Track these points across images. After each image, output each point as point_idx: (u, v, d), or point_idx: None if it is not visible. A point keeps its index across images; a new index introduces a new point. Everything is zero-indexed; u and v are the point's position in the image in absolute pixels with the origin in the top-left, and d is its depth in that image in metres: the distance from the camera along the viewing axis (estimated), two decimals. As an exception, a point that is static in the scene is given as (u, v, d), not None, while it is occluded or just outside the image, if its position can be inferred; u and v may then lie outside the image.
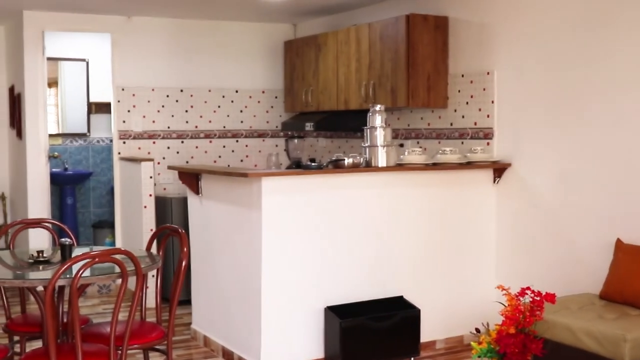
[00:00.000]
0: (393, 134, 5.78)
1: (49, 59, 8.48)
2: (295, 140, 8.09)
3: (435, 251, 5.69)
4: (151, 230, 7.18)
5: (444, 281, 5.74)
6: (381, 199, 5.45)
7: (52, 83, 9.14)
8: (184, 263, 4.21)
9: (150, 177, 7.17)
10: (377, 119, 5.43)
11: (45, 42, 7.74)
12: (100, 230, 8.93)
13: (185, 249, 4.24)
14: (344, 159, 5.23)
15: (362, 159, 5.34)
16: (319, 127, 7.28)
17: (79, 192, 9.18)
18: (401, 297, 5.49)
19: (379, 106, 5.47)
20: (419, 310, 5.39)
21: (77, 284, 3.51)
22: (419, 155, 5.54)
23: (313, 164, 5.22)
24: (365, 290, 5.41)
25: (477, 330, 4.02)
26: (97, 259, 3.58)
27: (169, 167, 6.11)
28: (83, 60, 9.20)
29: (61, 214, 8.94)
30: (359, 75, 6.76)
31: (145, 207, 7.17)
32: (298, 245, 5.18)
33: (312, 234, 5.21)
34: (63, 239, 4.27)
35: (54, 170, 8.88)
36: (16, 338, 4.55)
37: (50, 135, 8.80)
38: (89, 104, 9.25)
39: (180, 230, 4.39)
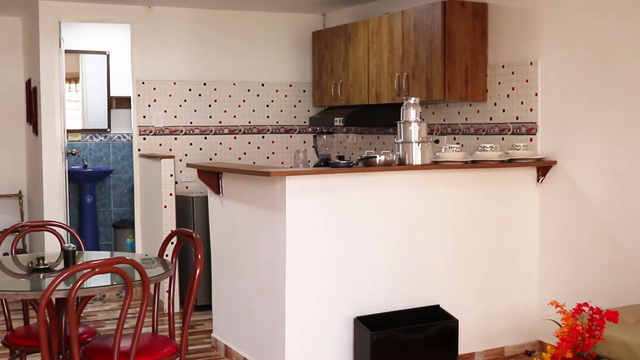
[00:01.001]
0: (428, 130, 5.34)
1: (69, 51, 8.21)
2: (324, 136, 7.67)
3: (474, 256, 5.25)
4: (172, 231, 6.79)
5: (483, 289, 5.30)
6: (416, 199, 5.02)
7: (73, 78, 8.81)
8: (197, 271, 3.82)
9: (171, 175, 6.80)
10: (411, 113, 5.00)
11: (65, 34, 7.43)
12: (121, 231, 8.58)
13: (199, 256, 3.86)
14: (376, 157, 4.80)
15: (395, 157, 4.92)
16: (349, 122, 6.86)
17: (99, 191, 8.84)
18: (437, 307, 5.06)
19: (413, 99, 5.05)
20: (456, 321, 4.96)
21: (74, 296, 3.13)
22: (456, 152, 5.11)
23: (342, 161, 4.80)
24: (398, 299, 4.98)
25: (528, 352, 3.57)
26: (97, 270, 3.19)
27: (188, 165, 5.73)
28: (104, 53, 8.85)
29: (80, 213, 8.61)
30: (392, 66, 6.33)
31: (165, 206, 6.80)
32: (325, 250, 4.77)
33: (340, 238, 4.80)
34: (67, 244, 3.89)
35: (72, 167, 8.55)
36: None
37: (70, 131, 8.50)
38: (110, 99, 8.91)
39: (194, 235, 4.00)
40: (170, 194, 6.80)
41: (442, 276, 5.14)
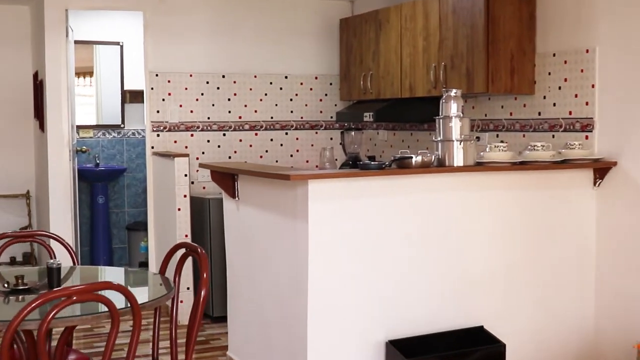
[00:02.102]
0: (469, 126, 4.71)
1: (81, 42, 7.71)
2: (352, 133, 7.06)
3: (523, 270, 4.61)
4: (186, 236, 6.25)
5: (534, 307, 4.67)
6: (457, 206, 4.40)
7: (88, 72, 8.29)
8: (202, 293, 3.23)
9: (185, 175, 6.24)
10: (452, 107, 4.38)
11: (77, 24, 6.93)
12: (135, 233, 8.04)
13: (204, 275, 3.27)
14: (412, 157, 4.20)
15: (433, 157, 4.30)
16: (380, 117, 6.25)
17: (112, 190, 8.30)
18: (481, 328, 4.43)
19: (454, 91, 4.42)
20: (503, 345, 4.33)
21: (46, 330, 2.55)
22: (503, 152, 4.48)
23: (372, 162, 4.19)
24: (436, 319, 4.37)
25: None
26: (75, 298, 2.60)
27: (201, 166, 5.16)
28: (117, 43, 8.31)
29: (91, 214, 8.09)
30: (427, 56, 5.72)
31: (179, 209, 6.24)
32: (353, 263, 4.17)
33: (370, 250, 4.20)
34: (51, 261, 3.32)
35: (83, 166, 8.03)
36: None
37: (81, 127, 7.97)
38: (123, 92, 8.36)
39: (199, 250, 3.41)
40: (185, 196, 6.25)
41: (486, 293, 4.51)
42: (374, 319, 4.23)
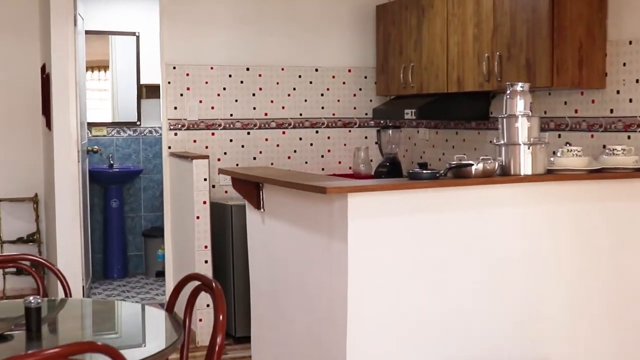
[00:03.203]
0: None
1: (94, 32, 7.09)
2: (390, 131, 6.38)
3: (600, 297, 3.90)
4: (205, 247, 5.60)
5: (612, 340, 3.95)
6: (523, 222, 3.70)
7: (103, 67, 7.68)
8: (218, 340, 2.55)
9: (205, 180, 5.59)
10: (518, 104, 3.69)
11: (91, 12, 6.33)
12: (152, 240, 7.41)
13: (220, 317, 2.59)
14: (471, 164, 3.50)
15: (496, 164, 3.61)
16: (423, 114, 5.55)
17: (127, 193, 7.67)
18: (551, 367, 3.74)
19: (521, 85, 3.74)
20: (579, 388, 3.64)
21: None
22: (578, 158, 3.78)
23: (424, 171, 3.50)
24: (498, 352, 3.67)
25: None
26: (45, 364, 1.94)
27: (221, 172, 4.51)
28: (133, 34, 7.67)
29: (105, 219, 7.46)
30: (479, 45, 5.02)
31: (198, 217, 5.59)
32: (401, 289, 3.49)
33: (421, 275, 3.52)
34: (29, 299, 2.65)
35: (96, 167, 7.41)
36: None
37: (93, 125, 7.36)
38: (140, 87, 7.73)
39: (214, 285, 2.74)
40: (204, 202, 5.59)
41: (557, 324, 3.80)
42: (427, 353, 3.55)
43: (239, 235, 5.59)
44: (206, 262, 5.61)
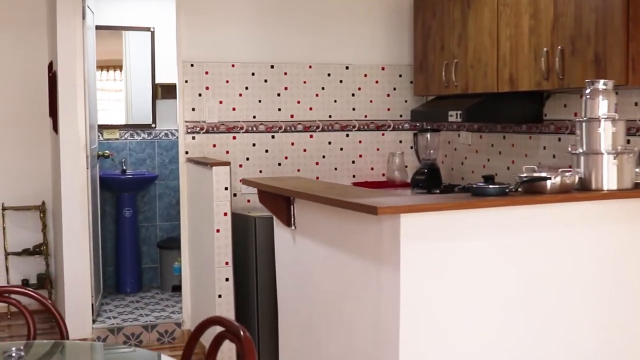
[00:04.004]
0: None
1: (105, 27, 6.58)
2: (428, 135, 5.81)
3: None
4: (226, 263, 5.05)
5: None
6: (609, 245, 3.12)
7: (117, 66, 7.15)
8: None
9: (226, 189, 5.03)
10: (600, 106, 3.12)
11: (103, 6, 5.85)
12: (168, 252, 6.85)
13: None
14: (547, 178, 2.93)
15: (576, 177, 3.03)
16: (471, 116, 4.96)
17: (141, 201, 7.12)
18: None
19: (603, 82, 3.16)
20: None
21: None
22: (671, 170, 3.20)
23: (491, 187, 2.92)
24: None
25: None
26: None
27: (244, 181, 4.00)
28: (147, 29, 7.13)
29: (117, 228, 6.91)
30: (536, 38, 4.44)
31: (218, 231, 5.04)
32: (462, 324, 2.93)
33: (487, 307, 2.95)
34: (11, 351, 2.11)
35: (107, 173, 6.87)
36: None
37: (105, 128, 6.82)
38: (155, 87, 7.18)
39: (242, 332, 2.17)
40: (225, 214, 5.04)
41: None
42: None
43: (263, 251, 5.05)
44: (227, 280, 5.06)
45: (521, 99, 4.89)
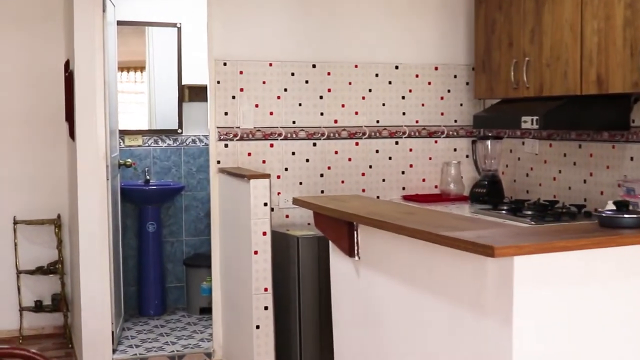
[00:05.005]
0: None
1: (128, 23, 6.01)
2: (488, 143, 5.17)
3: None
4: (265, 290, 4.42)
5: None
6: None
7: (139, 67, 6.55)
8: None
9: (265, 205, 4.41)
10: None
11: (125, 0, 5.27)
12: (195, 271, 6.22)
13: None
14: None
15: None
16: (550, 123, 4.29)
17: (166, 214, 6.48)
18: None
19: None
20: None
21: None
22: None
23: (627, 215, 2.28)
24: None
25: None
26: None
27: (295, 202, 3.32)
28: (174, 25, 6.51)
29: (140, 244, 6.29)
30: (633, 31, 3.78)
31: (256, 252, 4.42)
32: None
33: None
34: None
35: (129, 183, 6.26)
36: None
37: (126, 133, 6.22)
38: (181, 88, 6.56)
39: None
40: (265, 234, 4.42)
41: None
42: None
43: (308, 276, 4.46)
44: (266, 308, 4.43)
45: (607, 103, 4.24)
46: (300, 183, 5.14)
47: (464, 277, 2.38)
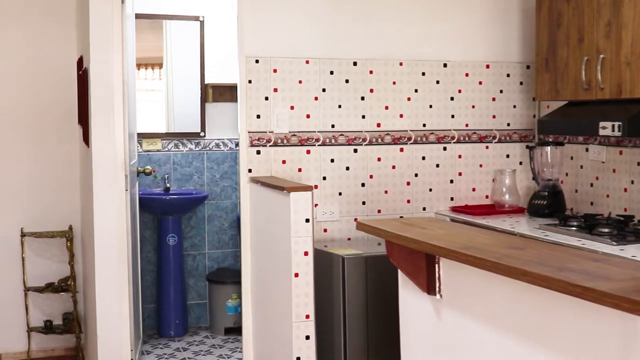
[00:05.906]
0: None
1: (146, 16, 5.52)
2: (548, 149, 4.66)
3: None
4: (307, 317, 3.91)
5: None
6: None
7: (156, 64, 6.03)
8: None
9: (307, 221, 3.89)
10: None
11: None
12: (219, 287, 5.70)
13: None
14: None
15: None
16: (635, 129, 3.77)
17: (187, 225, 5.96)
18: None
19: None
20: None
21: None
22: None
23: None
24: None
25: None
26: None
27: (360, 227, 2.80)
28: (196, 18, 5.99)
29: (159, 258, 5.78)
30: None
31: (296, 275, 3.90)
32: None
33: None
34: None
35: (147, 192, 5.75)
36: None
37: (144, 137, 5.71)
38: (204, 88, 6.04)
39: None
40: (306, 254, 3.89)
41: None
42: None
43: (354, 302, 3.95)
44: (307, 338, 3.92)
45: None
46: (340, 194, 4.64)
47: (598, 336, 1.86)
